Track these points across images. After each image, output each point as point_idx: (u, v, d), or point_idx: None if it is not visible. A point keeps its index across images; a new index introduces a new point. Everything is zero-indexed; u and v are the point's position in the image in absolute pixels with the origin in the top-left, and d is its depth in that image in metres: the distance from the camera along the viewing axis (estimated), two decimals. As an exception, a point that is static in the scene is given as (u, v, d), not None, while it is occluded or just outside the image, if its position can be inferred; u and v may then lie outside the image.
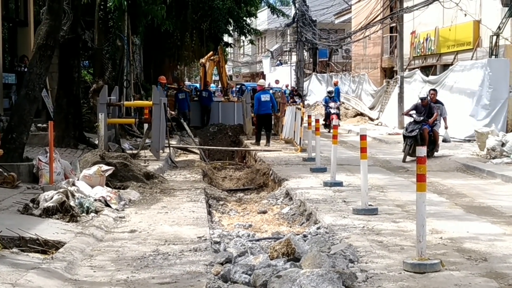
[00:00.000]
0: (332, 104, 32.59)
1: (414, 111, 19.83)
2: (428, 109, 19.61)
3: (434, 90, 21.08)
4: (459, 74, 27.41)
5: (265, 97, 25.84)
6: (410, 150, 19.09)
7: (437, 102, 20.99)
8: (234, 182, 20.84)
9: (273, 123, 32.52)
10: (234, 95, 43.94)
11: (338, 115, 32.18)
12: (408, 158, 19.43)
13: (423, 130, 19.08)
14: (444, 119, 20.60)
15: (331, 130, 27.82)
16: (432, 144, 19.68)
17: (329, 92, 33.78)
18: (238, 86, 49.33)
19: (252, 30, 40.65)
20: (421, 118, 19.21)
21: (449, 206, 12.57)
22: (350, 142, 27.00)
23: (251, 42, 46.20)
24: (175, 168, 19.58)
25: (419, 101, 20.21)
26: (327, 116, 32.34)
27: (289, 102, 36.12)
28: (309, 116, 21.49)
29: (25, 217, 10.50)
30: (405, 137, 19.59)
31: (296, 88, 43.94)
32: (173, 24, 30.34)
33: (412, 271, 7.83)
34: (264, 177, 19.20)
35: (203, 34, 37.77)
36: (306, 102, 43.63)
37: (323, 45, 50.30)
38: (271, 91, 33.08)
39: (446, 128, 20.34)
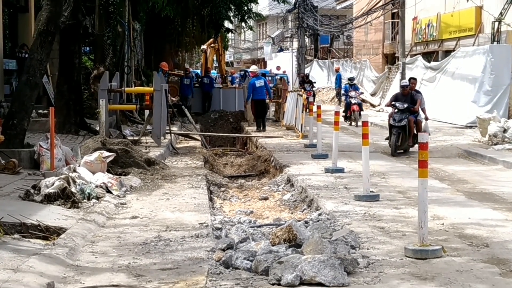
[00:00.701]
0: (353, 93, 28.41)
1: (394, 102, 18.54)
2: (410, 98, 18.39)
3: (414, 79, 19.88)
4: (461, 60, 27.38)
5: (259, 83, 26.50)
6: (399, 141, 17.96)
7: (416, 91, 19.46)
8: (236, 168, 20.83)
9: (273, 109, 32.78)
10: (237, 81, 43.86)
11: (360, 106, 28.39)
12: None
13: (409, 121, 17.88)
14: (423, 110, 18.80)
15: (353, 123, 28.08)
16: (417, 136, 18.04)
17: (349, 79, 30.24)
18: (242, 72, 48.95)
19: (254, 15, 40.47)
20: (405, 105, 17.94)
21: (451, 193, 12.58)
22: (351, 128, 27.00)
23: (250, 28, 45.99)
24: (176, 155, 19.59)
25: (400, 89, 19.23)
26: (348, 107, 28.74)
27: (300, 89, 34.39)
28: (311, 103, 21.50)
29: (27, 203, 10.52)
30: (392, 127, 18.04)
31: (307, 75, 40.98)
32: (174, 10, 30.27)
33: (414, 257, 7.84)
34: (266, 164, 19.20)
35: (204, 20, 37.66)
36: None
37: (324, 31, 50.16)
38: (276, 77, 34.13)
39: (426, 119, 18.55)
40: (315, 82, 40.10)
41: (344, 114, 27.73)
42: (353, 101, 27.90)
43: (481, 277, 7.14)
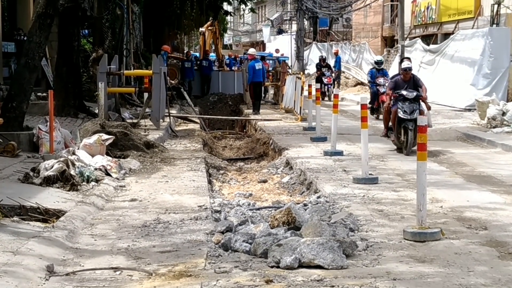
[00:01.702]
0: (381, 80, 22.54)
1: (398, 91, 15.43)
2: (413, 83, 15.40)
3: (408, 58, 16.89)
4: (460, 43, 27.32)
5: (258, 66, 27.21)
6: (414, 138, 14.15)
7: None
8: (234, 151, 20.84)
9: (271, 92, 32.83)
10: (239, 65, 43.54)
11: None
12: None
13: (421, 112, 14.82)
14: (423, 99, 15.46)
15: (381, 116, 20.92)
16: None
17: (377, 63, 24.18)
18: (245, 55, 48.62)
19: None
20: (414, 93, 14.99)
21: (450, 175, 12.58)
22: (350, 111, 26.95)
23: (252, 10, 45.92)
24: (175, 137, 19.58)
25: (399, 75, 15.92)
26: (375, 97, 23.01)
27: (317, 73, 33.62)
28: (310, 85, 21.49)
29: (26, 186, 10.52)
30: (402, 120, 14.59)
31: (324, 57, 35.52)
32: (173, -8, 30.18)
33: (412, 240, 7.85)
34: (264, 147, 19.20)
35: (203, 3, 37.60)
36: (306, 72, 43.03)
37: (323, 14, 50.00)
38: (282, 60, 34.43)
39: (429, 108, 15.65)
40: (335, 67, 36.67)
41: (370, 105, 21.66)
42: (381, 89, 21.95)
43: (480, 259, 7.15)
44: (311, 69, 49.89)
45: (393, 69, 34.36)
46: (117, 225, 8.90)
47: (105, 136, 13.77)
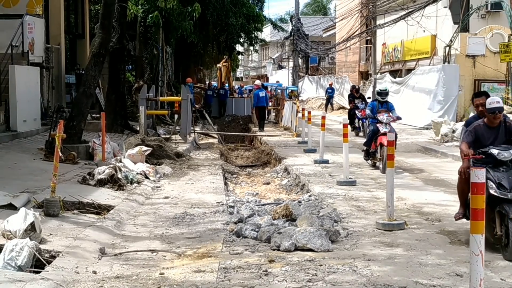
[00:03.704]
0: (384, 117, 13.44)
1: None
2: (505, 131, 7.28)
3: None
4: (420, 77, 27.32)
5: (262, 94, 27.41)
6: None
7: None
8: (245, 160, 20.82)
9: (273, 114, 32.86)
10: (249, 92, 43.29)
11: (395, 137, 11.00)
12: None
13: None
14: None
15: (379, 163, 13.69)
16: None
17: (380, 93, 14.10)
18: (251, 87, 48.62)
19: (259, 40, 40.61)
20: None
21: (412, 179, 12.56)
22: (334, 129, 26.89)
23: (256, 51, 45.89)
24: (198, 149, 19.59)
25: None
26: (372, 137, 13.71)
27: (350, 106, 22.78)
28: (303, 109, 21.50)
29: (83, 186, 10.56)
30: (497, 200, 6.67)
31: (358, 88, 24.26)
32: (198, 37, 30.26)
33: (383, 229, 7.85)
34: (268, 156, 19.18)
35: (221, 45, 37.64)
36: (300, 98, 42.91)
37: (313, 54, 49.96)
38: (288, 90, 33.92)
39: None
40: (369, 98, 23.85)
41: (365, 148, 14.15)
42: (382, 129, 13.22)
43: (435, 244, 7.14)
44: (304, 96, 49.94)
45: (367, 96, 34.39)
46: (154, 217, 8.92)
47: (144, 148, 13.81)
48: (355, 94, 22.72)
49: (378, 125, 13.43)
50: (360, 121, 21.64)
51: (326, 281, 5.62)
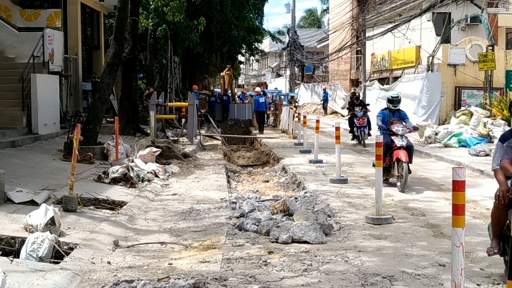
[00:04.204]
0: (399, 128, 10.88)
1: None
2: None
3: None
4: (405, 84, 27.27)
5: (262, 100, 27.53)
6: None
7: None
8: (246, 160, 20.83)
9: (272, 118, 32.86)
10: (250, 98, 43.24)
11: (410, 150, 10.80)
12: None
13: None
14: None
15: (391, 179, 11.18)
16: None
17: (391, 101, 11.20)
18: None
19: (259, 51, 40.67)
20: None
21: (398, 177, 12.53)
22: (328, 132, 26.88)
23: (257, 61, 46.01)
24: (204, 150, 19.59)
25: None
26: (387, 151, 10.65)
27: (350, 112, 20.17)
28: (299, 114, 21.48)
29: (98, 184, 10.56)
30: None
31: (358, 95, 21.61)
32: (203, 48, 30.30)
33: (372, 223, 7.84)
34: (267, 157, 19.19)
35: (224, 55, 37.70)
36: (296, 104, 42.80)
37: (308, 63, 50.04)
38: (288, 96, 33.99)
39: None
40: (368, 105, 21.26)
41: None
42: (397, 141, 10.79)
43: (420, 237, 7.13)
44: (300, 102, 49.91)
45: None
46: (163, 212, 8.91)
47: (154, 149, 13.81)
48: (355, 101, 20.06)
49: (393, 137, 10.77)
50: (358, 130, 19.20)
51: (321, 271, 5.62)
